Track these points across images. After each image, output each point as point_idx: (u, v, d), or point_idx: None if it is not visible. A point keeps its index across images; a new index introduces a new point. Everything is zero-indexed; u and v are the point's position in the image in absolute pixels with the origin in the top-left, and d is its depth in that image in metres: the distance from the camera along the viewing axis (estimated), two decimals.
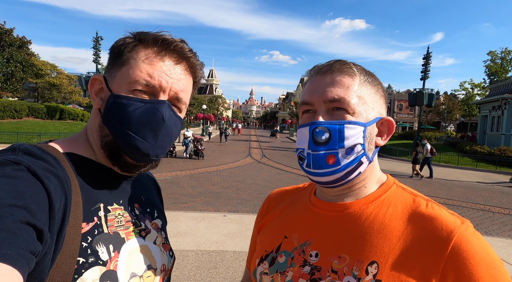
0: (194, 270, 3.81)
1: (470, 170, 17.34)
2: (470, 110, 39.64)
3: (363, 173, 0.66)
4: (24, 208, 0.45)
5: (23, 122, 22.62)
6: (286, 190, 0.88)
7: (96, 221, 0.62)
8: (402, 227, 0.61)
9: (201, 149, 15.51)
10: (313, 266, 0.64)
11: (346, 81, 0.64)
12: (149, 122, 0.63)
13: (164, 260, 0.74)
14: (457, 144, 24.66)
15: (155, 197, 0.85)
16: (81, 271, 0.55)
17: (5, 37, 29.71)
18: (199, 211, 6.50)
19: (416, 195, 0.66)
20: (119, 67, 0.65)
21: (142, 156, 0.65)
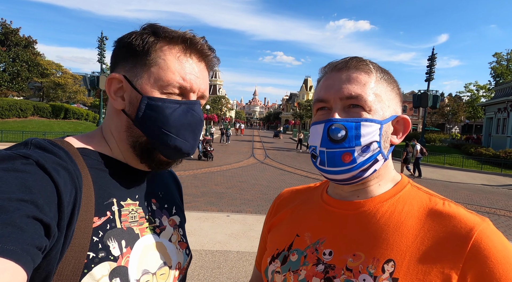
0: (198, 269, 3.81)
1: (475, 172, 17.20)
2: (475, 112, 39.42)
3: (378, 170, 0.65)
4: (31, 202, 0.45)
5: (28, 121, 22.82)
6: (297, 189, 0.87)
7: (109, 215, 0.61)
8: (419, 225, 0.60)
9: (210, 150, 15.01)
10: (327, 265, 0.63)
11: (363, 78, 0.63)
12: (189, 123, 0.65)
13: (180, 258, 0.73)
14: (462, 146, 24.48)
15: (174, 193, 0.84)
16: (91, 266, 0.55)
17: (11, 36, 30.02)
18: (203, 211, 6.51)
19: (432, 194, 0.66)
20: (145, 67, 0.64)
21: (182, 155, 0.68)
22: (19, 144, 0.57)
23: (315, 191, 0.80)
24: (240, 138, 35.28)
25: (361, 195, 0.67)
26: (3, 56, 27.80)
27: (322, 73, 0.69)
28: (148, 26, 0.67)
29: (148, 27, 0.66)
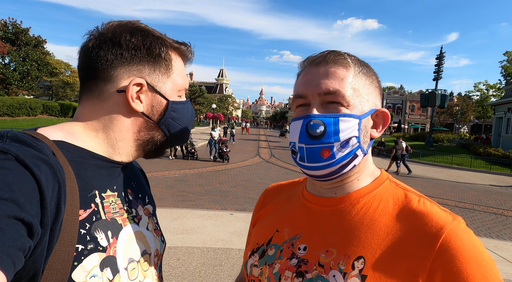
0: (200, 266, 3.83)
1: (483, 173, 16.94)
2: (485, 112, 38.76)
3: (358, 166, 0.65)
4: (11, 201, 0.44)
5: (37, 120, 23.19)
6: (282, 184, 0.88)
7: (94, 207, 0.61)
8: (391, 222, 0.59)
9: (226, 151, 14.10)
10: (300, 259, 0.64)
11: (341, 72, 0.62)
12: (192, 116, 0.80)
13: (157, 245, 0.76)
14: (471, 146, 24.13)
15: (144, 183, 0.86)
16: (81, 258, 0.55)
17: (22, 36, 30.51)
18: (206, 209, 6.54)
19: (408, 191, 0.65)
20: (168, 74, 0.71)
21: (184, 142, 0.83)
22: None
23: (299, 186, 0.81)
24: (246, 137, 35.28)
25: (339, 192, 0.67)
26: (13, 55, 28.29)
27: (302, 67, 0.69)
28: (137, 29, 0.68)
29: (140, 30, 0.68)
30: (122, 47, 0.66)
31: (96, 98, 0.67)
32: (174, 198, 7.35)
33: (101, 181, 0.66)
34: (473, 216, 7.58)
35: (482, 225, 6.85)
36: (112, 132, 0.68)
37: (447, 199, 9.25)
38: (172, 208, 6.39)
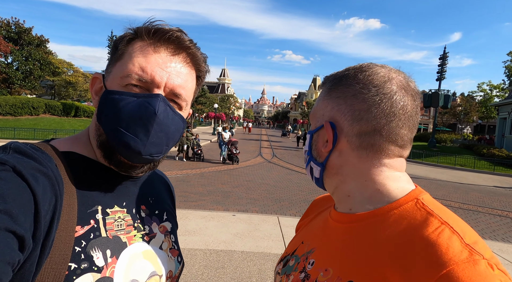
0: (202, 269, 3.80)
1: (487, 174, 16.82)
2: (488, 112, 38.55)
3: (327, 179, 0.65)
4: (5, 212, 0.43)
5: (40, 119, 23.26)
6: (328, 196, 0.84)
7: (93, 224, 0.58)
8: (394, 249, 0.51)
9: (236, 153, 13.49)
10: (307, 274, 0.63)
11: (319, 94, 0.69)
12: (140, 116, 0.58)
13: (171, 266, 0.70)
14: (474, 147, 23.99)
15: (165, 198, 0.81)
16: (72, 277, 0.52)
17: (24, 35, 30.62)
18: (208, 209, 6.51)
19: (432, 215, 0.53)
20: (114, 63, 0.62)
21: (134, 155, 0.59)
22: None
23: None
24: (248, 137, 35.27)
25: (340, 207, 0.65)
26: (16, 54, 28.40)
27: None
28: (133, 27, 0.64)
29: (132, 27, 0.64)
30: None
31: None
32: (176, 199, 7.31)
33: (107, 196, 0.63)
34: (478, 218, 7.51)
35: (487, 228, 6.78)
36: (92, 134, 0.66)
37: (450, 201, 9.17)
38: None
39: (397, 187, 0.59)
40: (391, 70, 0.60)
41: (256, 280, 3.62)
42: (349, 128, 0.59)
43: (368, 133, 0.58)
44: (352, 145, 0.60)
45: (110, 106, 0.59)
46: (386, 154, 0.59)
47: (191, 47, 0.64)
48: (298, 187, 9.69)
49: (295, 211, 6.95)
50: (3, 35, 28.56)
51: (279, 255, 4.33)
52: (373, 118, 0.57)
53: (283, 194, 8.51)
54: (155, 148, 0.61)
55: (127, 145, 0.58)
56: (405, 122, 0.58)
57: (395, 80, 0.59)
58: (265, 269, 3.89)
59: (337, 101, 0.62)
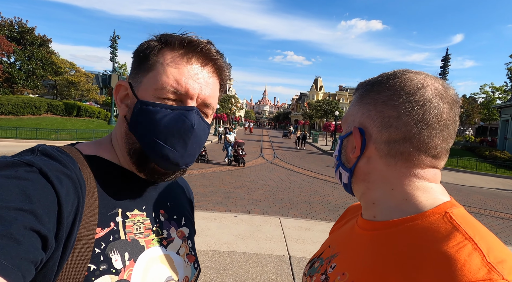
0: (204, 270, 3.79)
1: (489, 176, 16.77)
2: (491, 114, 38.47)
3: (355, 185, 0.65)
4: (30, 212, 0.44)
5: (42, 119, 23.33)
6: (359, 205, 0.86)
7: (113, 226, 0.59)
8: (409, 260, 0.50)
9: (242, 154, 13.17)
10: (327, 276, 0.65)
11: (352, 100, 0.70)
12: (178, 130, 0.60)
13: (188, 272, 0.70)
14: (476, 149, 23.94)
15: (184, 204, 0.81)
16: (91, 278, 0.53)
17: (27, 35, 30.74)
18: (210, 210, 6.50)
19: (458, 229, 0.51)
20: (145, 72, 0.63)
21: (171, 165, 0.62)
22: (26, 150, 0.56)
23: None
24: (249, 138, 35.27)
25: (365, 214, 0.66)
26: (19, 54, 28.51)
27: None
28: (159, 35, 0.65)
29: (157, 35, 0.65)
30: (132, 56, 0.67)
31: None
32: None
33: (128, 200, 0.64)
34: (480, 221, 7.45)
35: (490, 230, 6.75)
36: (117, 140, 0.67)
37: None
38: None
39: (427, 198, 0.57)
40: (426, 77, 0.58)
41: None
42: (377, 135, 0.58)
43: (397, 141, 0.56)
44: (380, 152, 0.58)
45: (146, 118, 0.60)
46: (416, 163, 0.57)
47: (218, 58, 0.66)
48: (300, 188, 9.68)
49: (297, 212, 6.94)
50: (6, 35, 28.67)
51: (281, 256, 4.33)
52: (403, 126, 0.55)
53: (284, 195, 8.51)
54: (190, 158, 0.64)
55: (165, 157, 0.61)
56: (439, 131, 0.55)
57: (430, 87, 0.56)
58: (267, 271, 3.88)
59: (367, 107, 0.62)
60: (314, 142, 32.94)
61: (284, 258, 4.28)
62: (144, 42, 0.65)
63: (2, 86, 28.17)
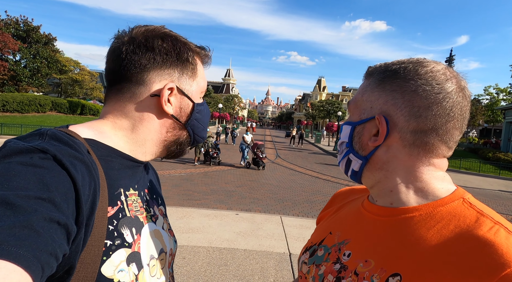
0: (205, 266, 3.84)
1: (492, 178, 16.68)
2: (495, 116, 38.16)
3: (368, 173, 0.64)
4: (49, 201, 0.45)
5: (46, 116, 23.51)
6: (353, 189, 0.86)
7: (120, 205, 0.64)
8: (444, 245, 0.52)
9: (262, 157, 12.32)
10: (343, 265, 0.63)
11: (363, 84, 0.67)
12: (209, 116, 0.83)
13: (171, 244, 0.78)
14: (479, 151, 23.79)
15: (157, 184, 0.88)
16: (109, 253, 0.57)
17: (33, 34, 30.94)
18: (212, 208, 6.55)
19: (483, 214, 0.53)
20: (193, 77, 0.75)
21: (201, 142, 0.83)
22: (33, 134, 0.56)
23: (364, 194, 0.79)
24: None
25: (381, 201, 0.64)
26: (24, 52, 28.71)
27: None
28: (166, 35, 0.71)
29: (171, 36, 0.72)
30: (155, 52, 0.68)
31: (127, 100, 0.70)
32: (179, 197, 7.38)
33: (125, 180, 0.68)
34: None
35: None
36: (142, 132, 0.71)
37: None
38: (178, 207, 6.41)
39: (442, 186, 0.60)
40: (447, 68, 0.59)
41: (258, 278, 3.65)
42: (404, 124, 0.58)
43: (425, 131, 0.57)
44: (404, 142, 0.58)
45: (201, 115, 0.78)
46: (436, 153, 0.59)
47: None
48: (301, 187, 9.70)
49: (298, 211, 6.97)
50: (11, 33, 28.89)
51: (282, 254, 4.36)
52: (432, 117, 0.56)
53: (286, 195, 8.53)
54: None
55: (204, 138, 0.82)
56: (460, 124, 0.58)
57: (455, 79, 0.57)
58: (267, 267, 3.92)
59: (392, 94, 0.59)
60: (316, 142, 32.88)
61: (284, 256, 4.31)
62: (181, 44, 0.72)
63: (8, 84, 28.39)
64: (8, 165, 0.46)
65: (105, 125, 0.71)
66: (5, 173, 0.45)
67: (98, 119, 0.72)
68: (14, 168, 0.46)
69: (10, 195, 0.42)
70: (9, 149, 0.49)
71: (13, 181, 0.44)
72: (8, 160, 0.47)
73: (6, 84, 28.19)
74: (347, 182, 11.40)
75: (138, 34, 0.69)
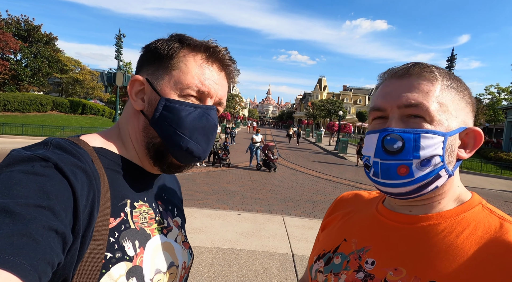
0: (208, 267, 3.83)
1: (494, 177, 16.67)
2: (496, 115, 38.05)
3: (441, 187, 0.60)
4: (48, 209, 0.45)
5: (47, 116, 23.51)
6: (357, 194, 0.84)
7: (123, 216, 0.62)
8: (477, 252, 0.52)
9: (273, 159, 11.84)
10: (367, 273, 0.61)
11: (426, 85, 0.58)
12: (203, 127, 0.66)
13: (185, 257, 0.75)
14: (481, 150, 23.74)
15: (176, 195, 0.86)
16: (109, 266, 0.56)
17: (33, 33, 30.95)
18: (214, 208, 6.54)
19: (505, 220, 0.56)
20: (167, 70, 0.66)
21: (192, 159, 0.67)
22: (39, 143, 0.56)
23: (374, 200, 0.78)
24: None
25: (414, 210, 0.62)
26: (25, 52, 28.73)
27: (381, 79, 0.65)
28: (175, 35, 0.69)
29: (175, 35, 0.69)
30: (143, 51, 0.70)
31: (128, 102, 0.71)
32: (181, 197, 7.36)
33: (133, 191, 0.67)
34: None
35: None
36: (129, 134, 0.70)
37: None
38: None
39: (464, 189, 0.64)
40: None
41: (262, 279, 3.64)
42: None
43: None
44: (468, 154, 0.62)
45: (171, 114, 0.64)
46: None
47: (231, 65, 0.73)
48: (303, 187, 9.69)
49: (300, 211, 6.96)
50: (12, 33, 28.90)
51: (285, 254, 4.35)
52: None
53: (288, 194, 8.53)
54: (208, 152, 0.71)
55: (190, 151, 0.65)
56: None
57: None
58: (270, 268, 3.91)
59: (468, 108, 0.62)
60: (317, 141, 32.87)
61: (287, 256, 4.30)
62: (161, 40, 0.68)
63: (9, 83, 28.41)
64: (10, 173, 0.46)
65: (113, 131, 0.71)
66: (6, 181, 0.45)
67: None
68: (15, 176, 0.46)
69: (10, 203, 0.42)
70: (12, 157, 0.50)
71: (13, 189, 0.44)
72: (10, 169, 0.47)
73: (7, 83, 28.21)
74: (348, 182, 11.40)
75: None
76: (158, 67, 0.67)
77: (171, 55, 0.66)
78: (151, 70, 0.68)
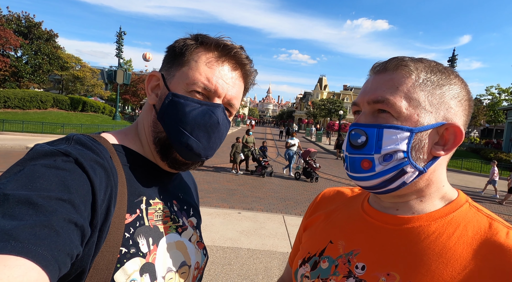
0: (209, 265, 3.84)
1: None
2: (496, 116, 38.06)
3: (414, 184, 0.58)
4: (69, 202, 0.46)
5: (48, 113, 23.48)
6: (339, 191, 0.82)
7: (138, 213, 0.63)
8: (470, 255, 0.52)
9: (316, 167, 10.12)
10: (358, 279, 0.59)
11: (397, 80, 0.57)
12: (204, 124, 0.65)
13: (198, 258, 0.75)
14: (481, 151, 23.77)
15: (192, 195, 0.86)
16: (123, 260, 0.57)
17: (34, 30, 30.91)
18: (214, 207, 6.55)
19: (493, 219, 0.56)
20: (178, 67, 0.67)
21: (193, 156, 0.67)
22: (62, 139, 0.58)
23: (358, 197, 0.76)
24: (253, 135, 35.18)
25: (401, 209, 0.61)
26: (26, 49, 28.68)
27: (368, 75, 0.66)
28: (194, 34, 0.70)
29: (193, 35, 0.70)
30: (166, 51, 0.71)
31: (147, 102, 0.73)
32: None
33: (149, 188, 0.68)
34: None
35: None
36: (144, 129, 0.71)
37: None
38: None
39: (450, 187, 0.63)
40: None
41: (262, 278, 3.65)
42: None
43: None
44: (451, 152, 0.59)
45: (175, 109, 0.65)
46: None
47: (247, 64, 0.71)
48: (303, 186, 9.69)
49: (300, 210, 6.96)
50: (13, 29, 28.84)
51: (285, 253, 4.36)
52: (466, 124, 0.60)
53: (288, 193, 8.53)
54: (211, 151, 0.69)
55: (190, 147, 0.65)
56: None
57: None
58: (271, 267, 3.92)
59: (450, 102, 0.57)
60: (317, 141, 32.88)
61: (287, 255, 4.30)
62: (180, 39, 0.70)
63: (9, 80, 28.37)
64: (34, 167, 0.48)
65: (132, 128, 0.73)
66: (30, 175, 0.47)
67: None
68: (38, 170, 0.48)
69: (33, 195, 0.44)
70: (35, 152, 0.51)
71: (36, 182, 0.46)
72: (33, 162, 0.49)
73: (8, 80, 28.17)
74: (348, 181, 11.40)
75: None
76: (173, 64, 0.69)
77: (184, 52, 0.67)
78: (167, 67, 0.70)
